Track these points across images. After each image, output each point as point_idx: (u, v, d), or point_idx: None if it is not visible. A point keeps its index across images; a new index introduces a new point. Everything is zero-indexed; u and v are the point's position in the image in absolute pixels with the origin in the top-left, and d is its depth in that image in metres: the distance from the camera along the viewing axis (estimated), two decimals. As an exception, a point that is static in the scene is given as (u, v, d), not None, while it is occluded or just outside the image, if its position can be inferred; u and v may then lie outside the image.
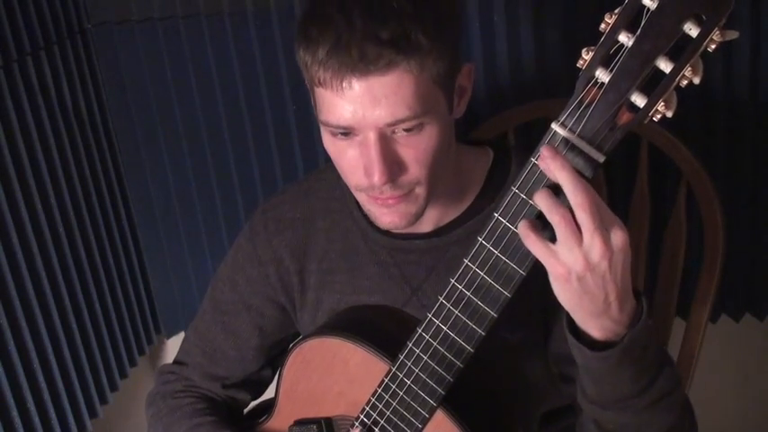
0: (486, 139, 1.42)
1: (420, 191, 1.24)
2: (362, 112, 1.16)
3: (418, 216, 1.28)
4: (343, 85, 1.15)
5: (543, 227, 1.05)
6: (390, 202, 1.24)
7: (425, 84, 1.17)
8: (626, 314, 1.09)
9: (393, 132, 1.19)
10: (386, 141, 1.19)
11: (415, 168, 1.21)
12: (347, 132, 1.20)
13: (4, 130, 1.75)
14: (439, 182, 1.27)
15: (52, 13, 1.90)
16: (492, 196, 1.34)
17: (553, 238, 1.04)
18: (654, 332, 1.13)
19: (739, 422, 2.21)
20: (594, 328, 1.10)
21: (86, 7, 2.00)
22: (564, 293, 1.07)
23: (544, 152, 1.01)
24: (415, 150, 1.20)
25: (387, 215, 1.26)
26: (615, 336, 1.10)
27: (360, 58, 1.13)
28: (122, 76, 2.04)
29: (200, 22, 1.95)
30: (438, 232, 1.37)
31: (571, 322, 1.13)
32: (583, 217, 1.01)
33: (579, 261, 1.03)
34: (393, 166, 1.20)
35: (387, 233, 1.38)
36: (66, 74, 1.94)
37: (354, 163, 1.22)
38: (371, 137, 1.18)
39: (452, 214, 1.36)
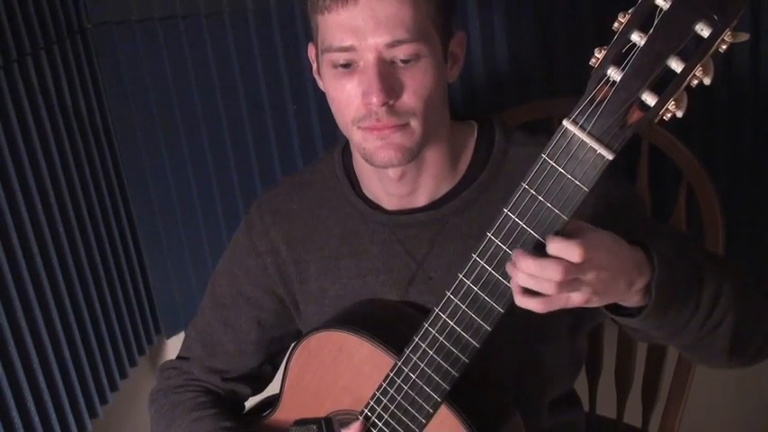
0: (469, 113, 1.44)
1: (415, 125, 1.27)
2: (364, 31, 1.22)
3: (413, 154, 1.29)
4: (349, 0, 1.21)
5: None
6: (386, 131, 1.26)
7: (424, 15, 1.24)
8: (646, 270, 1.13)
9: (392, 61, 1.24)
10: (384, 66, 1.23)
11: (411, 97, 1.25)
12: (348, 64, 1.25)
13: (4, 130, 1.75)
14: (432, 131, 1.30)
15: (52, 13, 1.90)
16: (482, 166, 1.38)
17: None
18: (672, 262, 1.15)
19: (739, 423, 2.22)
20: (632, 298, 1.14)
21: (86, 7, 2.00)
22: (596, 304, 1.12)
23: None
24: (412, 80, 1.25)
25: (382, 149, 1.28)
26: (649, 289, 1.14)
27: None
28: (122, 76, 2.04)
29: (200, 22, 1.95)
30: (434, 205, 1.39)
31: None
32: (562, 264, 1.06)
33: (586, 289, 1.08)
34: (390, 90, 1.23)
35: (385, 211, 1.40)
36: (66, 74, 1.95)
37: (353, 93, 1.26)
38: (371, 59, 1.23)
39: (446, 187, 1.39)
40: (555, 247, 1.06)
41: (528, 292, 1.09)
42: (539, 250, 1.08)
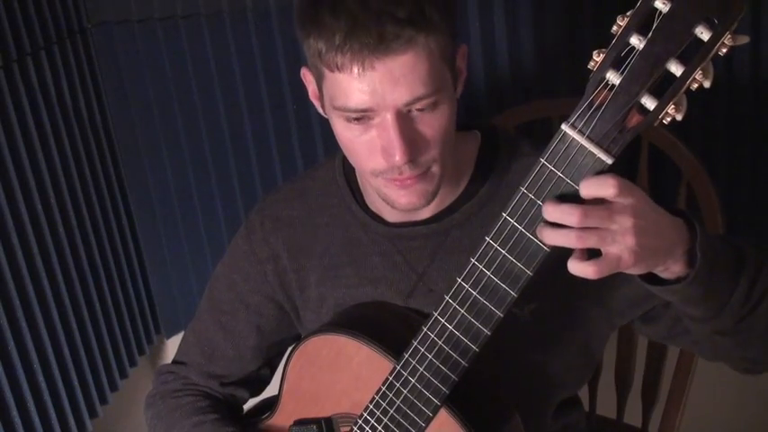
0: (472, 122, 1.42)
1: (436, 169, 1.25)
2: (382, 94, 1.16)
3: (434, 195, 1.28)
4: (365, 66, 1.15)
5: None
6: (409, 182, 1.24)
7: (437, 60, 1.18)
8: (685, 234, 1.08)
9: (409, 112, 1.19)
10: (403, 121, 1.19)
11: (432, 146, 1.22)
12: (361, 117, 1.20)
13: (4, 130, 1.75)
14: (449, 161, 1.28)
15: (52, 13, 1.90)
16: (484, 178, 1.35)
17: None
18: (708, 233, 1.11)
19: (739, 423, 2.22)
20: (673, 266, 1.09)
21: (86, 7, 2.01)
22: (639, 267, 1.06)
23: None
24: (431, 129, 1.21)
25: (404, 196, 1.26)
26: (692, 258, 1.09)
27: (379, 38, 1.13)
28: (122, 76, 2.05)
29: (200, 22, 1.96)
30: (437, 218, 1.37)
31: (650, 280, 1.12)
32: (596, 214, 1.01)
33: (627, 239, 1.02)
34: (412, 145, 1.20)
35: (387, 223, 1.39)
36: (67, 74, 1.95)
37: (371, 146, 1.22)
38: (390, 117, 1.18)
39: (449, 199, 1.37)
40: (588, 183, 1.01)
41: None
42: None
